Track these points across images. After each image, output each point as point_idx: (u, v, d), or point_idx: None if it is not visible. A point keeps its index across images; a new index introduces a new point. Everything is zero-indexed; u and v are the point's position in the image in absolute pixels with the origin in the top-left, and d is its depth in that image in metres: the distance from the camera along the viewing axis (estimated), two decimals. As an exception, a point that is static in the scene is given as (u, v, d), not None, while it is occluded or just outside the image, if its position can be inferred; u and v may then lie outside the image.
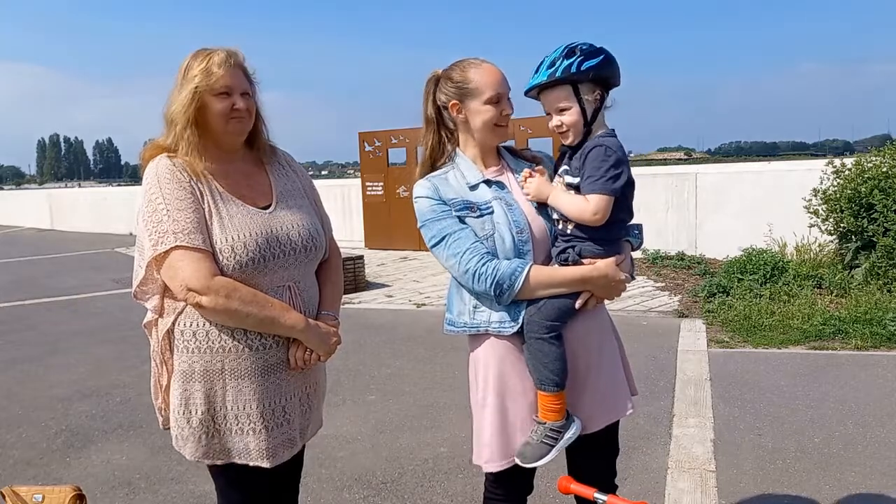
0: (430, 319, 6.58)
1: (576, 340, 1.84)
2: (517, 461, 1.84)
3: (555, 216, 1.87)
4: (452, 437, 3.72)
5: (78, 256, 13.94)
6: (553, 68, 1.78)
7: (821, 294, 6.47)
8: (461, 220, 1.83)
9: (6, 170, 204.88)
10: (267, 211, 1.79)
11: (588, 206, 1.76)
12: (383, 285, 8.66)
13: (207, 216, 1.70)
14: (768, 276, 6.91)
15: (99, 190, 26.82)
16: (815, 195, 7.26)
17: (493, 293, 1.78)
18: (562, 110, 1.82)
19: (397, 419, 4.06)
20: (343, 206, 13.19)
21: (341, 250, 2.11)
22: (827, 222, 7.17)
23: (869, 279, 6.45)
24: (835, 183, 7.13)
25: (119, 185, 49.70)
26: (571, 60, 1.77)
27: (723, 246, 8.80)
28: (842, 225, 7.00)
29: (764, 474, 3.17)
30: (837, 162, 7.35)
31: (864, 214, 6.70)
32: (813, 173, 7.56)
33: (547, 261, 1.87)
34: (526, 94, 1.88)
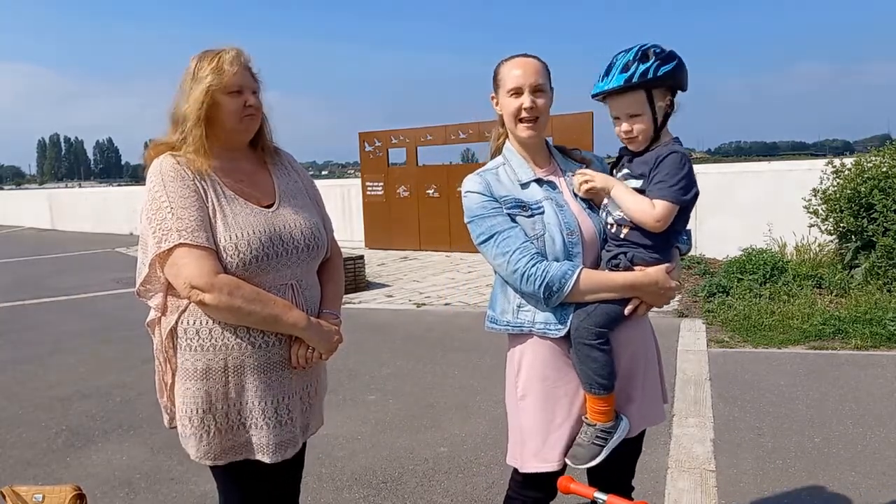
0: (430, 319, 6.58)
1: (621, 346, 1.82)
2: (569, 462, 1.83)
3: (609, 220, 1.84)
4: (452, 437, 3.72)
5: (78, 256, 13.94)
6: (629, 72, 1.72)
7: (821, 294, 6.47)
8: (512, 218, 1.81)
9: (6, 170, 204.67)
10: (270, 210, 1.80)
11: (653, 211, 1.73)
12: (383, 285, 8.66)
13: (211, 214, 1.71)
14: (768, 275, 6.91)
15: (99, 190, 26.83)
16: (815, 195, 7.27)
17: (542, 295, 1.75)
18: (633, 116, 1.78)
19: (397, 419, 4.06)
20: (343, 206, 13.20)
21: (341, 250, 2.11)
22: (827, 222, 7.17)
23: (869, 279, 6.46)
24: (835, 183, 7.14)
25: (119, 185, 49.68)
26: (648, 65, 1.71)
27: (723, 246, 8.81)
28: (841, 225, 7.01)
29: (764, 474, 3.17)
30: (837, 162, 7.36)
31: (864, 214, 6.71)
32: (813, 173, 7.56)
33: (596, 263, 1.85)
34: (594, 97, 1.83)
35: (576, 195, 1.88)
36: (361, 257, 8.60)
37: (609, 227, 1.84)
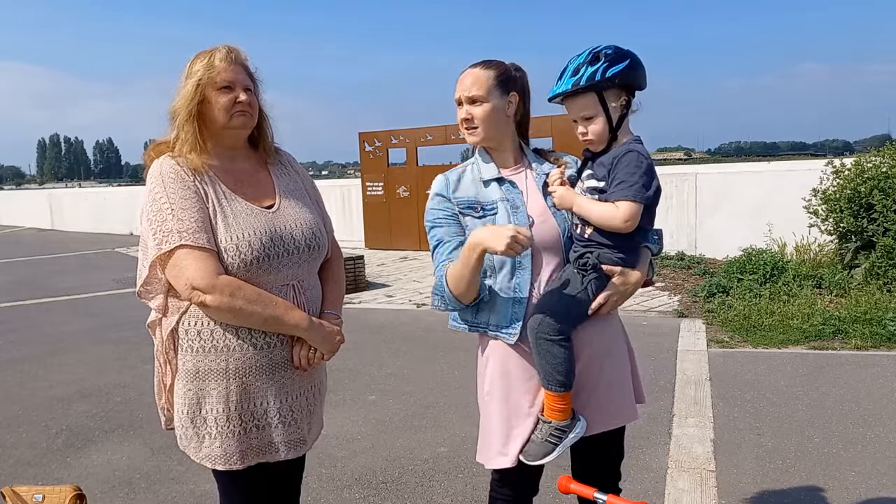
0: (430, 319, 6.58)
1: (582, 343, 1.84)
2: (521, 459, 1.85)
3: (575, 220, 1.86)
4: (452, 437, 3.72)
5: (78, 256, 13.94)
6: (577, 76, 1.74)
7: (821, 294, 6.47)
8: (463, 217, 1.85)
9: (6, 170, 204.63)
10: (271, 210, 1.80)
11: (618, 213, 1.74)
12: (383, 285, 8.66)
13: (212, 215, 1.71)
14: (768, 276, 6.91)
15: (99, 190, 26.80)
16: (815, 195, 7.27)
17: (446, 308, 1.87)
18: (587, 118, 1.79)
19: (397, 419, 4.06)
20: (343, 206, 13.20)
21: (341, 250, 2.11)
22: (827, 222, 7.17)
23: (869, 279, 6.46)
24: (834, 183, 7.14)
25: (119, 185, 49.61)
26: (596, 67, 1.72)
27: (723, 246, 8.81)
28: (841, 225, 7.01)
29: (764, 474, 3.17)
30: (837, 162, 7.36)
31: (864, 214, 6.71)
32: (813, 173, 7.56)
33: (561, 262, 1.87)
34: (550, 100, 1.86)
35: (545, 195, 1.89)
36: (361, 257, 8.59)
37: (574, 226, 1.86)
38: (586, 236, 1.82)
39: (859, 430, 3.61)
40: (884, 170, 6.76)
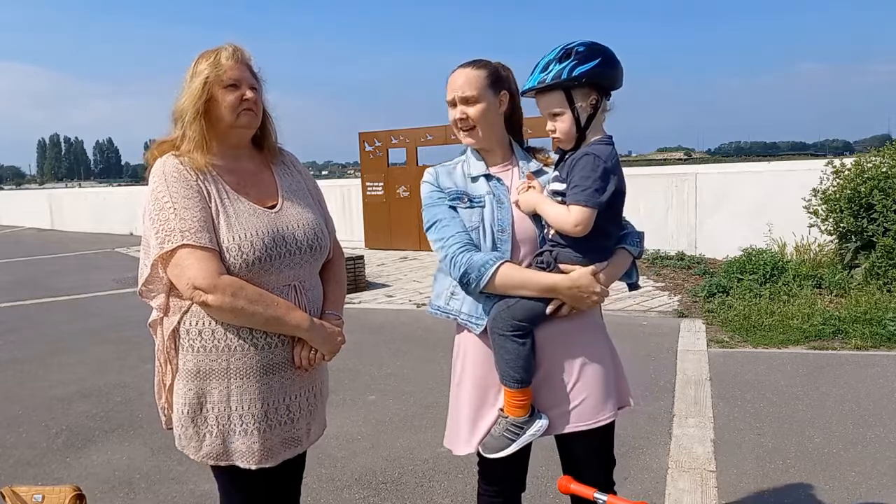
0: (429, 319, 6.54)
1: (547, 341, 1.84)
2: (480, 450, 1.89)
3: (543, 221, 1.87)
4: (453, 437, 3.71)
5: (78, 256, 13.94)
6: (545, 73, 1.73)
7: (820, 294, 6.47)
8: (453, 208, 1.88)
9: (6, 170, 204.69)
10: (273, 210, 1.80)
11: (569, 218, 1.72)
12: (383, 285, 8.66)
13: (214, 215, 1.70)
14: (768, 276, 6.91)
15: (99, 190, 26.78)
16: (815, 195, 7.27)
17: (461, 281, 1.81)
18: (554, 115, 1.77)
19: (397, 419, 4.06)
20: (343, 206, 13.20)
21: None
22: (827, 222, 7.18)
23: (869, 279, 6.46)
24: (834, 183, 7.14)
25: (119, 185, 49.58)
26: (564, 65, 1.70)
27: (723, 246, 8.81)
28: (841, 225, 7.01)
29: (764, 474, 3.17)
30: (837, 162, 7.36)
31: (864, 214, 6.71)
32: (813, 173, 7.56)
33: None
34: (522, 95, 1.87)
35: None
36: (361, 257, 8.59)
37: (544, 226, 1.87)
38: (549, 237, 1.82)
39: (859, 430, 3.61)
40: (884, 170, 6.77)
